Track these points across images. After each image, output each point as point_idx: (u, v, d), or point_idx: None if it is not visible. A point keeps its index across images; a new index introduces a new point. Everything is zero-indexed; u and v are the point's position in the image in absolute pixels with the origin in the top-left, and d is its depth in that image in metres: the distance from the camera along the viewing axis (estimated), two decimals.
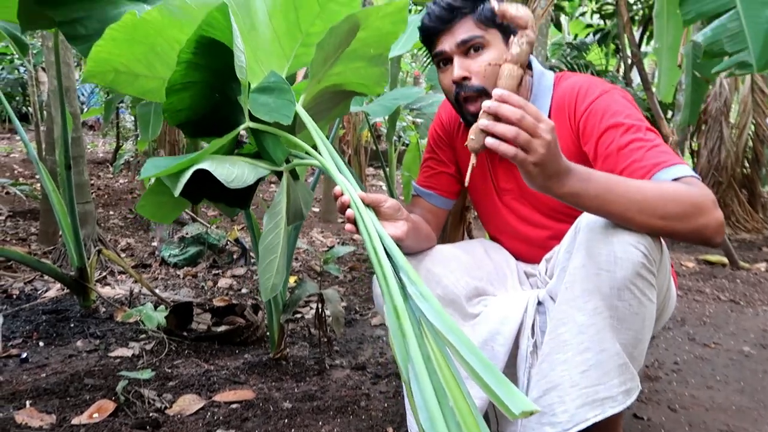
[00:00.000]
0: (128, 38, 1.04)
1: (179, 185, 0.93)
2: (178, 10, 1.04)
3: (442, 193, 1.32)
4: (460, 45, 1.12)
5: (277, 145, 1.09)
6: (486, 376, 0.73)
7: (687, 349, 2.01)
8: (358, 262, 3.10)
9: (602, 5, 5.74)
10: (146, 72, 1.14)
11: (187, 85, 1.03)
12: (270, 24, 1.13)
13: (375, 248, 0.92)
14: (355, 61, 1.22)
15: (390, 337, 0.85)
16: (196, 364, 1.71)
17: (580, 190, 0.88)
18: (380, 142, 5.48)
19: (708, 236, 0.92)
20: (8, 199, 4.31)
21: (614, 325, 0.93)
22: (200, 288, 2.54)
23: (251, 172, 1.04)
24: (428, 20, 1.15)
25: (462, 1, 1.12)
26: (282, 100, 1.01)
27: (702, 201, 0.91)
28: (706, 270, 3.20)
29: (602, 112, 1.08)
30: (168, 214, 1.19)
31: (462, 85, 1.12)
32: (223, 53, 1.01)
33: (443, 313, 0.82)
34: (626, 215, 0.90)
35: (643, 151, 1.00)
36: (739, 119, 4.55)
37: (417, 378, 0.79)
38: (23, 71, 6.68)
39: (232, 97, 1.09)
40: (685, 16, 1.63)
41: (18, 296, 2.30)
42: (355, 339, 1.98)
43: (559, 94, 1.17)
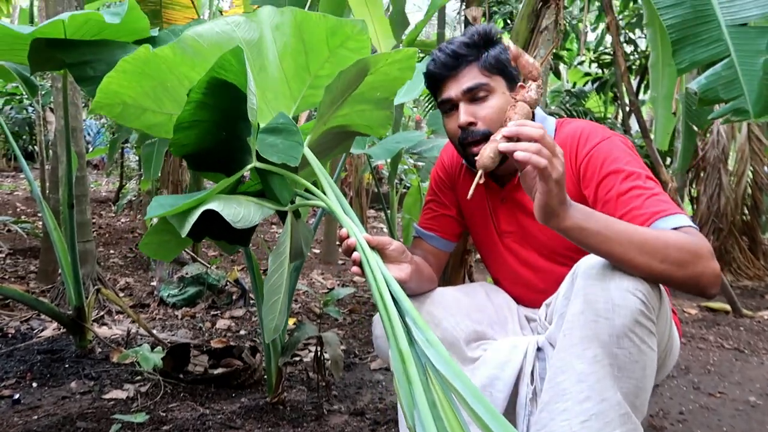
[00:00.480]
0: (139, 71, 1.07)
1: (187, 225, 0.93)
2: (190, 49, 1.07)
3: (443, 235, 1.33)
4: (465, 92, 1.14)
5: (283, 185, 1.10)
6: (492, 423, 0.73)
7: (692, 398, 1.97)
8: (357, 304, 3.07)
9: (600, 55, 5.88)
10: (154, 106, 1.16)
11: (194, 123, 1.06)
12: (279, 66, 1.16)
13: (381, 293, 0.92)
14: (361, 104, 1.25)
15: (395, 383, 0.84)
16: (192, 407, 1.67)
17: (583, 224, 0.90)
18: (381, 185, 5.52)
19: (704, 286, 0.92)
20: (9, 236, 4.31)
21: (615, 374, 0.91)
22: (198, 329, 2.51)
23: (257, 211, 1.05)
24: (434, 67, 1.17)
25: (467, 49, 1.15)
26: (290, 142, 1.02)
27: (701, 250, 0.92)
28: (708, 317, 3.17)
29: (603, 157, 1.09)
30: (170, 253, 1.19)
31: (468, 130, 1.14)
32: (232, 94, 1.04)
33: (450, 360, 0.82)
34: (627, 255, 0.90)
35: (643, 198, 1.01)
36: (737, 167, 4.59)
37: (423, 425, 0.78)
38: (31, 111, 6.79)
39: (238, 136, 1.11)
40: (679, 65, 1.67)
41: (14, 335, 2.27)
42: (354, 383, 1.95)
43: (561, 138, 1.18)
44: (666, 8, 1.65)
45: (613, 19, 2.99)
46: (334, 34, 1.10)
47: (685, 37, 1.63)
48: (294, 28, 1.10)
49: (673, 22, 1.64)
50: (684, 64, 1.66)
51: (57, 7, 2.40)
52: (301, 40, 1.12)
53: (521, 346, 1.11)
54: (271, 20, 1.11)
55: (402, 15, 3.28)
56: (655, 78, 3.17)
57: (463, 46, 1.15)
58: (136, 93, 1.12)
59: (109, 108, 1.13)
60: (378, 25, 3.04)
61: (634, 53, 5.67)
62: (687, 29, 1.63)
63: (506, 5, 5.06)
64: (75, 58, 1.42)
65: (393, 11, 3.31)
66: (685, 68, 1.67)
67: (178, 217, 0.96)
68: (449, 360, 0.81)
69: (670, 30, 1.64)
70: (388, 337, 0.88)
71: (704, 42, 1.62)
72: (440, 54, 1.17)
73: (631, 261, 0.91)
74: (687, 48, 1.64)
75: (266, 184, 1.12)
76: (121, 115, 1.15)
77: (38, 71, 1.66)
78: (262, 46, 1.14)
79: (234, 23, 1.08)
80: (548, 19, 1.97)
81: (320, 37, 1.11)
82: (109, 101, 1.12)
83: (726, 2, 1.59)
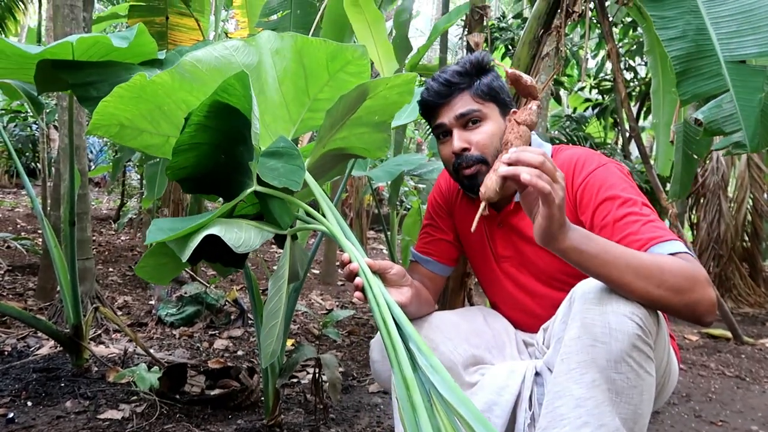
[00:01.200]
0: (135, 96, 1.08)
1: (188, 251, 0.93)
2: (188, 74, 1.08)
3: (439, 259, 1.33)
4: (458, 118, 1.16)
5: (284, 209, 1.11)
6: None
7: (693, 426, 1.95)
8: (356, 326, 3.05)
9: (600, 81, 5.93)
10: (150, 128, 1.17)
11: (194, 145, 1.06)
12: (279, 89, 1.17)
13: (384, 318, 0.92)
14: (359, 127, 1.26)
15: (399, 410, 0.83)
16: (188, 429, 1.65)
17: (582, 246, 0.91)
18: (382, 206, 5.53)
19: (700, 314, 0.93)
20: (8, 253, 4.31)
21: (613, 399, 0.90)
22: (196, 349, 2.49)
23: (257, 235, 1.05)
24: (427, 95, 1.20)
25: (459, 77, 1.17)
26: (291, 166, 1.03)
27: (698, 277, 0.93)
28: (709, 344, 3.15)
29: (599, 184, 1.10)
30: (167, 276, 1.19)
31: (462, 155, 1.16)
32: (234, 117, 1.04)
33: (454, 385, 0.82)
34: (624, 279, 0.91)
35: (639, 225, 1.02)
36: (737, 193, 4.61)
37: None
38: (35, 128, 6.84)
39: (238, 160, 1.11)
40: (682, 96, 1.70)
41: (10, 353, 2.25)
42: (351, 406, 1.93)
43: (558, 164, 1.19)
44: (670, 41, 1.68)
45: (613, 46, 3.03)
46: (335, 59, 1.12)
47: (687, 70, 1.66)
48: (294, 53, 1.12)
49: (677, 54, 1.67)
50: (687, 96, 1.68)
51: (65, 27, 2.43)
52: (301, 65, 1.13)
53: (519, 371, 1.10)
54: (271, 45, 1.12)
55: (405, 40, 3.33)
56: (656, 104, 3.20)
57: (456, 74, 1.17)
58: (133, 115, 1.13)
59: (105, 129, 1.14)
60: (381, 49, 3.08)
61: (634, 80, 5.73)
62: (689, 62, 1.66)
63: (508, 32, 5.13)
64: (79, 79, 1.43)
65: (396, 36, 3.35)
66: (687, 100, 1.69)
67: (178, 242, 0.96)
68: (454, 386, 0.81)
69: (674, 61, 1.67)
70: (392, 364, 0.87)
71: (705, 76, 1.65)
72: (433, 83, 1.19)
73: (628, 285, 0.91)
74: (690, 80, 1.67)
75: (266, 207, 1.12)
76: (118, 135, 1.17)
77: (45, 92, 1.68)
78: (261, 70, 1.15)
79: (233, 48, 1.09)
80: (549, 45, 2.00)
81: (320, 61, 1.12)
82: (106, 122, 1.13)
83: (725, 38, 1.62)
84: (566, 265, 1.12)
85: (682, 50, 1.65)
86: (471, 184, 1.17)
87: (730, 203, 4.56)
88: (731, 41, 1.62)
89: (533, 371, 1.09)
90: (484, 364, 1.17)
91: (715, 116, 1.59)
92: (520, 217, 1.22)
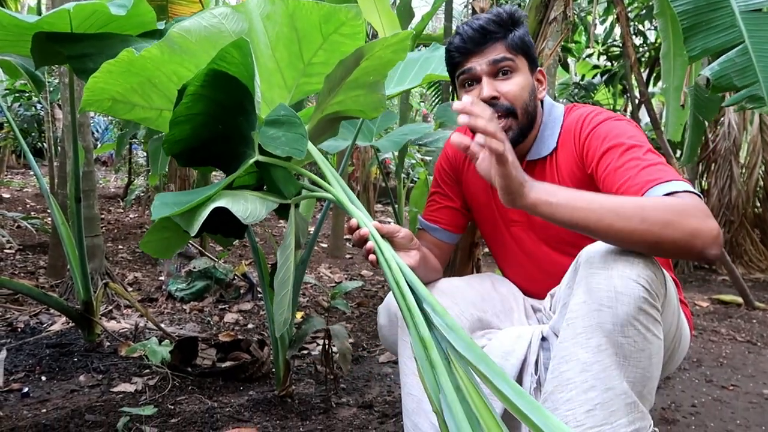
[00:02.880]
0: (124, 71, 1.06)
1: (196, 224, 0.91)
2: (177, 46, 1.05)
3: (447, 227, 1.31)
4: (491, 64, 1.12)
5: (288, 178, 1.09)
6: (520, 403, 0.74)
7: (704, 391, 1.94)
8: (365, 297, 3.06)
9: (609, 47, 5.82)
10: (142, 102, 1.15)
11: (190, 117, 1.04)
12: (272, 56, 1.14)
13: (397, 281, 0.91)
14: (355, 90, 1.23)
15: (419, 369, 0.84)
16: (200, 400, 1.67)
17: (549, 197, 0.91)
18: (389, 179, 5.51)
19: (701, 246, 0.88)
20: (19, 232, 4.34)
21: (620, 363, 0.89)
22: (206, 323, 2.51)
23: (262, 206, 1.03)
24: (460, 41, 1.15)
25: (495, 26, 1.13)
26: (294, 134, 1.01)
27: (687, 209, 0.89)
28: (720, 310, 3.13)
29: (604, 135, 1.08)
30: (170, 250, 1.19)
31: (490, 103, 1.12)
32: (231, 86, 1.02)
33: (472, 343, 0.82)
34: (604, 222, 0.89)
35: (638, 169, 0.99)
36: (749, 158, 4.54)
37: (450, 409, 0.79)
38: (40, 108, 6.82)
39: (237, 129, 1.09)
40: (690, 52, 1.64)
41: (23, 329, 2.28)
42: (362, 376, 1.94)
43: (568, 122, 1.18)
44: None
45: (622, 9, 2.96)
46: (328, 21, 1.08)
47: (696, 24, 1.60)
48: (286, 16, 1.08)
49: (685, 8, 1.62)
50: (696, 51, 1.63)
51: (64, 3, 2.39)
52: (294, 29, 1.10)
53: (525, 335, 1.09)
54: (261, 10, 1.08)
55: (408, 7, 3.26)
56: (666, 69, 3.13)
57: (492, 22, 1.12)
58: (124, 89, 1.11)
59: (98, 104, 1.13)
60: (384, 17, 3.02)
61: (644, 45, 5.61)
62: (699, 16, 1.60)
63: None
64: (75, 51, 1.41)
65: (400, 4, 3.29)
66: (696, 56, 1.64)
67: (184, 216, 0.94)
68: (471, 342, 0.82)
69: (681, 17, 1.61)
70: (408, 326, 0.87)
71: (717, 29, 1.60)
72: (467, 28, 1.14)
73: (610, 227, 0.89)
74: (699, 35, 1.61)
75: (269, 177, 1.10)
76: (111, 109, 1.15)
77: (43, 65, 1.65)
78: (253, 37, 1.12)
79: (222, 15, 1.06)
80: (557, 10, 1.95)
81: (314, 24, 1.09)
82: (98, 98, 1.12)
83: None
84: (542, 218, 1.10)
85: (689, 4, 1.60)
86: None
87: (742, 169, 4.49)
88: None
89: (540, 336, 1.08)
90: (492, 329, 1.16)
91: (726, 71, 1.54)
92: (533, 176, 1.19)
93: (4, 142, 7.43)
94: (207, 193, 0.95)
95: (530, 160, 1.19)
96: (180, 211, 0.93)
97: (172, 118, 1.02)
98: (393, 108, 6.88)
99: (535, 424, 0.71)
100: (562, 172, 1.16)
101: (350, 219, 1.03)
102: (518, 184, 0.90)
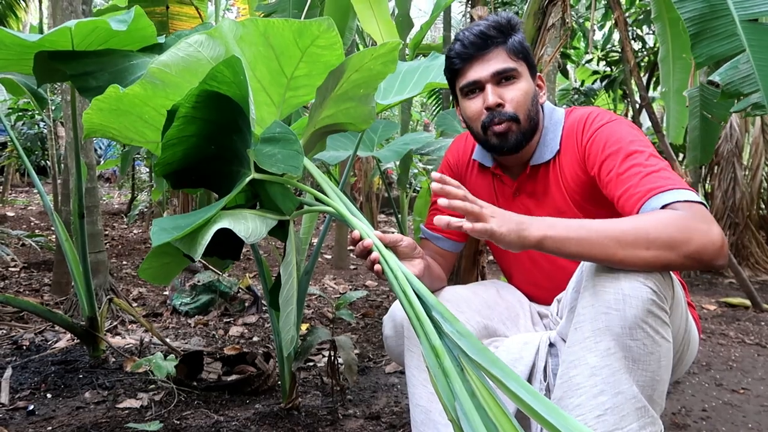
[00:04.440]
0: (114, 109, 1.07)
1: (199, 248, 0.90)
2: (159, 81, 1.04)
3: (449, 236, 1.31)
4: (495, 75, 1.13)
5: (286, 194, 1.07)
6: (537, 406, 0.73)
7: (715, 395, 1.92)
8: (370, 308, 3.05)
9: (608, 53, 5.83)
10: (138, 138, 1.17)
11: (182, 139, 1.03)
12: (254, 75, 1.14)
13: (405, 290, 0.91)
14: (346, 102, 1.23)
15: (431, 378, 0.84)
16: (206, 415, 1.66)
17: (552, 232, 0.89)
18: (391, 189, 5.51)
19: (708, 260, 0.88)
20: (23, 250, 4.35)
21: (629, 366, 0.88)
22: (211, 336, 2.50)
23: (262, 224, 1.02)
24: (461, 47, 1.15)
25: (495, 31, 1.13)
26: (289, 151, 1.00)
27: (692, 224, 0.88)
28: (728, 313, 3.11)
29: (606, 138, 1.08)
30: (169, 275, 1.16)
31: (495, 111, 1.13)
32: (224, 106, 1.01)
33: (483, 348, 0.81)
34: (608, 252, 0.88)
35: (639, 177, 0.99)
36: (752, 160, 4.53)
37: (466, 416, 0.78)
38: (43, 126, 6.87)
39: (230, 149, 1.07)
40: (697, 59, 1.66)
41: (28, 347, 2.27)
42: (368, 387, 1.93)
43: (569, 124, 1.18)
44: (682, 1, 1.64)
45: (620, 14, 2.97)
46: (302, 35, 1.08)
47: (702, 31, 1.62)
48: (259, 36, 1.08)
49: (691, 15, 1.63)
50: (702, 58, 1.65)
51: (65, 21, 2.41)
52: (270, 46, 1.10)
53: (533, 342, 1.09)
54: (235, 33, 1.08)
55: (407, 17, 3.27)
56: (666, 72, 3.14)
57: (491, 28, 1.13)
58: (118, 127, 1.13)
59: (101, 132, 1.16)
60: (384, 27, 3.04)
61: (643, 50, 5.62)
62: (704, 23, 1.62)
63: (512, 5, 5.04)
64: (77, 70, 1.41)
65: (398, 14, 3.30)
66: (702, 62, 1.66)
67: (185, 240, 0.92)
68: (482, 348, 0.81)
69: (688, 23, 1.63)
70: (418, 335, 0.87)
71: (720, 36, 1.61)
72: (468, 34, 1.14)
73: (615, 256, 0.88)
74: (704, 42, 1.63)
75: (266, 195, 1.09)
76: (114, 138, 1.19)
77: (45, 83, 1.66)
78: None
79: (197, 44, 1.05)
80: (555, 16, 1.95)
81: (288, 40, 1.08)
82: (98, 130, 1.15)
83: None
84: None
85: (695, 11, 1.61)
86: (500, 141, 1.14)
87: (745, 170, 4.48)
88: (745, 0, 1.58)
89: (547, 342, 1.07)
90: (498, 337, 1.15)
91: (732, 77, 1.55)
92: (537, 180, 1.20)
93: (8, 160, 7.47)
94: (205, 215, 0.93)
95: (534, 165, 1.19)
96: (181, 236, 0.91)
97: (163, 141, 1.01)
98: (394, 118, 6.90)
99: (553, 426, 0.71)
100: (565, 176, 1.16)
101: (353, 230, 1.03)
102: (515, 234, 0.88)
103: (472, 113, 1.16)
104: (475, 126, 1.17)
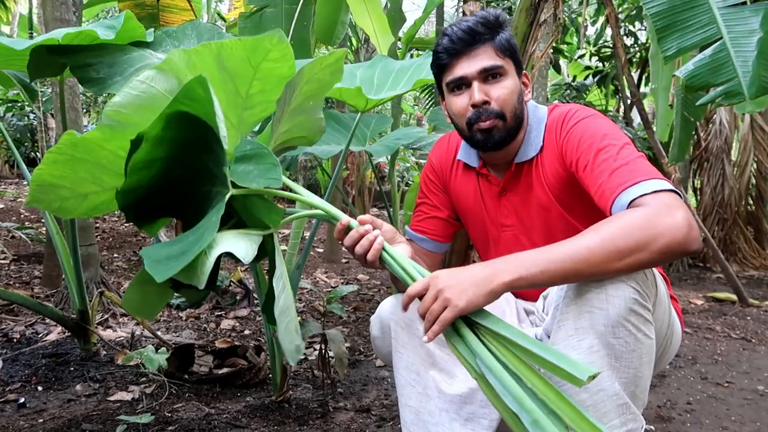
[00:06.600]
0: (69, 158, 1.03)
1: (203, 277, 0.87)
2: (116, 123, 1.01)
3: (434, 237, 1.32)
4: (481, 72, 1.13)
5: (269, 207, 1.05)
6: (544, 354, 0.82)
7: (699, 388, 1.96)
8: (362, 301, 3.07)
9: (600, 48, 5.85)
10: (94, 188, 1.12)
11: (151, 162, 1.01)
12: None
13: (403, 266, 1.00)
14: (299, 116, 1.22)
15: (450, 343, 0.92)
16: (197, 407, 1.67)
17: (521, 271, 0.90)
18: (384, 183, 5.52)
19: (680, 251, 0.88)
20: (13, 243, 4.32)
21: (612, 364, 0.91)
22: (203, 330, 2.51)
23: (250, 242, 0.99)
24: (449, 42, 1.15)
25: (483, 28, 1.13)
26: (265, 165, 0.99)
27: (651, 221, 0.88)
28: (715, 307, 3.15)
29: (580, 134, 1.10)
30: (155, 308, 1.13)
31: (481, 108, 1.13)
32: (195, 125, 0.98)
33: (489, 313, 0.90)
34: (584, 275, 0.89)
35: (608, 173, 1.00)
36: (740, 157, 4.58)
37: (490, 369, 0.86)
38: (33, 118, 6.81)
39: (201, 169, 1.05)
40: (665, 53, 1.64)
41: (18, 340, 2.27)
42: (359, 380, 1.95)
43: (550, 121, 1.19)
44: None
45: (612, 11, 2.98)
46: (255, 51, 1.07)
47: (671, 24, 1.61)
48: (213, 59, 1.06)
49: (659, 9, 1.62)
50: (671, 51, 1.63)
51: (54, 12, 2.39)
52: (224, 69, 1.08)
53: None
54: (186, 62, 1.06)
55: (399, 12, 3.27)
56: (655, 69, 3.16)
57: (479, 24, 1.13)
58: (72, 181, 1.08)
59: (46, 203, 1.09)
60: (376, 22, 3.03)
61: (635, 46, 5.64)
62: (674, 15, 1.61)
63: (504, 1, 5.05)
64: (78, 61, 1.42)
65: (390, 8, 3.30)
66: (672, 55, 1.64)
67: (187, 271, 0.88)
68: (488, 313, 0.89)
69: (654, 18, 1.61)
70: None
71: (693, 27, 1.60)
72: (455, 29, 1.14)
73: (592, 277, 0.90)
74: (674, 35, 1.61)
75: (246, 212, 1.06)
76: (60, 209, 1.11)
77: (37, 78, 1.66)
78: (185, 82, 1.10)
79: (149, 79, 1.02)
80: (547, 12, 1.96)
81: (242, 59, 1.07)
82: (45, 196, 1.08)
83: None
84: (568, 230, 1.11)
85: (664, 4, 1.60)
86: (485, 138, 1.14)
87: (734, 167, 4.53)
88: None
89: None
90: None
91: (700, 70, 1.54)
92: (522, 178, 1.21)
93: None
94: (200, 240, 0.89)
95: (518, 162, 1.20)
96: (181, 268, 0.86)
97: (130, 165, 0.98)
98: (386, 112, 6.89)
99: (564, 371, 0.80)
100: (546, 173, 1.17)
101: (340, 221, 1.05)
102: (482, 289, 0.90)
103: (458, 109, 1.17)
104: (460, 122, 1.18)
